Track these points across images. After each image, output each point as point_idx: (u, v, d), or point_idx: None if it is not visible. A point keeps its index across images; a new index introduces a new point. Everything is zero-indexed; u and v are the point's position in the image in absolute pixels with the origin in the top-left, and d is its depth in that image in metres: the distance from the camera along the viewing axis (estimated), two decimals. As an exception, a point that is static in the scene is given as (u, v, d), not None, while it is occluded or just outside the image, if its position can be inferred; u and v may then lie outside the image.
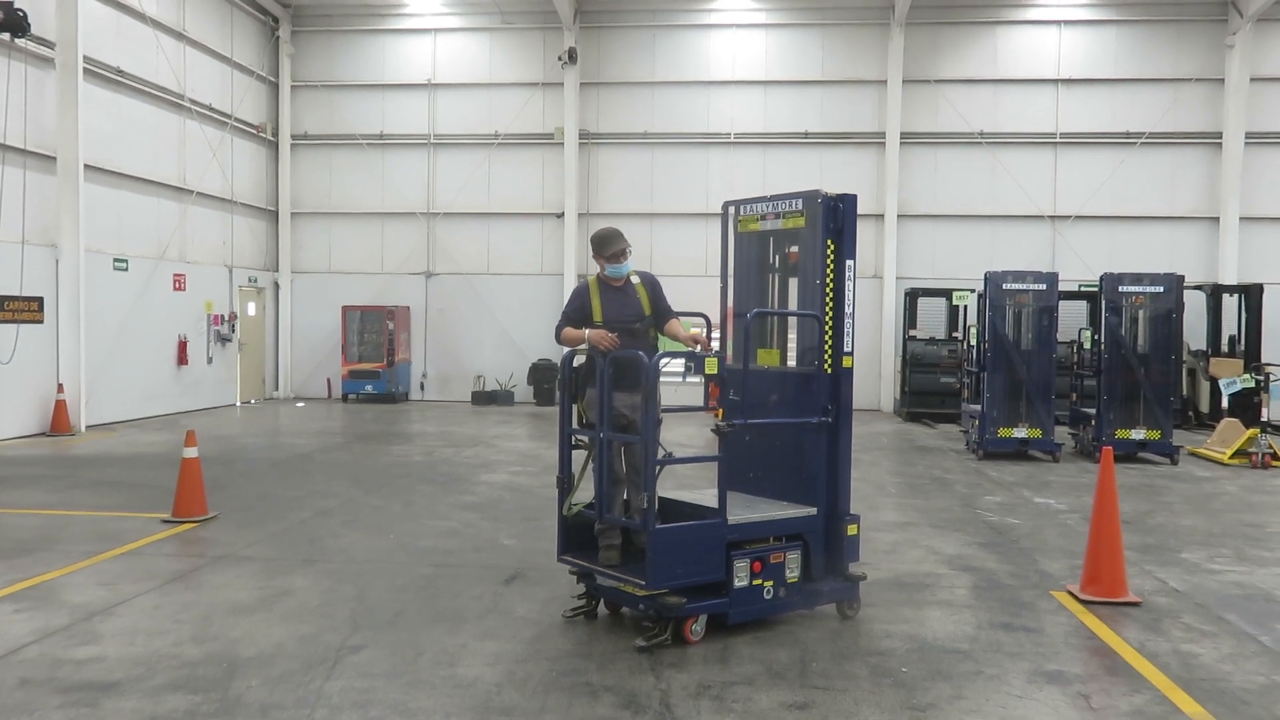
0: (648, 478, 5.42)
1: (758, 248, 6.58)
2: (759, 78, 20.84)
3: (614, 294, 6.03)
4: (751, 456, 6.36)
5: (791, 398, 6.22)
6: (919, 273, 20.58)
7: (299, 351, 22.04)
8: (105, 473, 11.56)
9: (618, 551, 5.79)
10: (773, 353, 6.52)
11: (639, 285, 6.08)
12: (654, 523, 5.39)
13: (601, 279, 6.07)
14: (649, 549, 5.38)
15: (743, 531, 5.72)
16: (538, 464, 12.42)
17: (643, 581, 5.45)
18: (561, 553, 6.09)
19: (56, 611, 6.08)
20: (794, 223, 6.19)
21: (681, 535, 5.52)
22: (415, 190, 21.74)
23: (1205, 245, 20.06)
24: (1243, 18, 19.29)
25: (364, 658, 5.32)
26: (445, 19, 21.48)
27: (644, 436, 5.50)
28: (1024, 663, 5.37)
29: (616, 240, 6.00)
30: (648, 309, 6.04)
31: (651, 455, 5.42)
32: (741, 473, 6.33)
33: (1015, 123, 20.40)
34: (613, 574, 5.74)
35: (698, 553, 5.51)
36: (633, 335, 5.91)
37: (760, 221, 6.43)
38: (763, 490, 6.29)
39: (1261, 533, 8.96)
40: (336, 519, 8.97)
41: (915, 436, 16.42)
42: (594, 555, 5.89)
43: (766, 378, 6.39)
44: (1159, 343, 13.58)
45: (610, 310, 5.95)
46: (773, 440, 6.28)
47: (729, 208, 6.65)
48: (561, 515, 6.01)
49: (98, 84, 16.01)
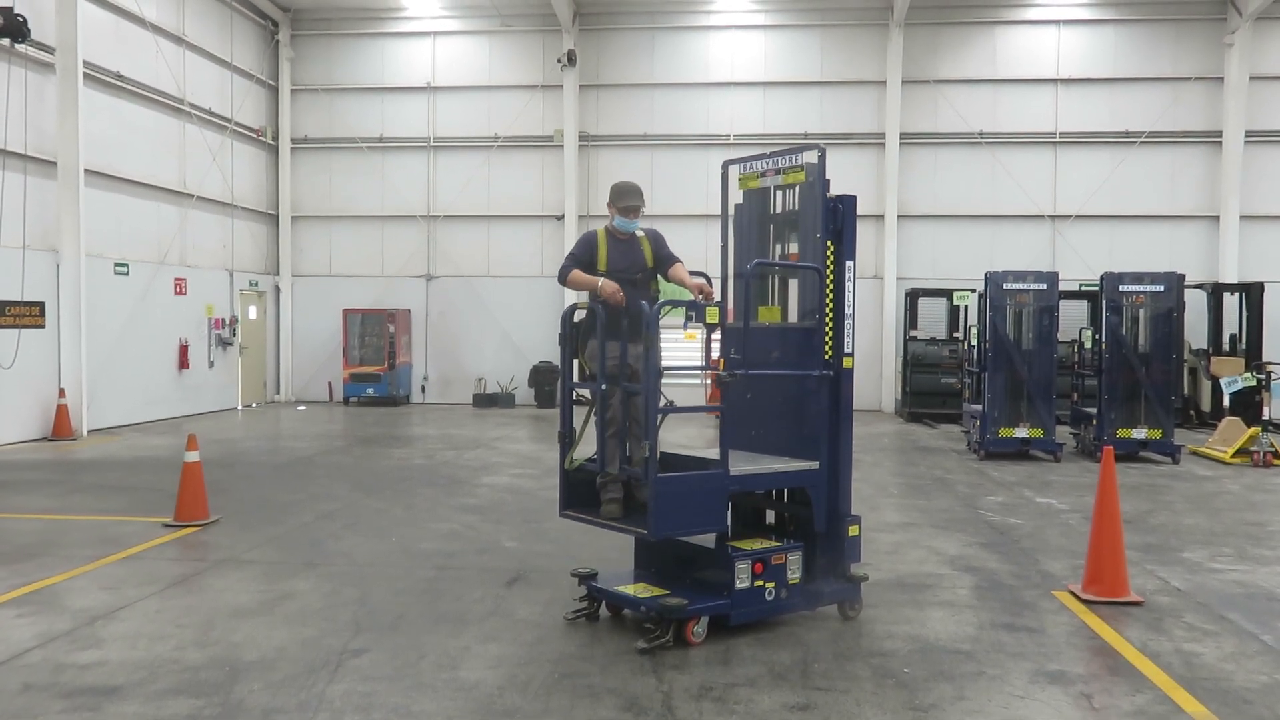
0: (649, 427, 5.43)
1: (758, 206, 6.58)
2: (758, 79, 20.86)
3: (620, 245, 6.09)
4: (753, 415, 6.38)
5: (793, 353, 6.22)
6: (919, 273, 20.58)
7: (300, 355, 22.06)
8: (107, 477, 11.57)
9: (619, 505, 5.82)
10: (774, 309, 6.53)
11: (643, 239, 6.16)
12: (655, 471, 5.39)
13: (610, 230, 6.13)
14: (650, 498, 5.37)
15: (744, 483, 5.74)
16: (539, 466, 12.41)
17: (645, 531, 5.46)
18: (564, 508, 6.09)
19: (59, 616, 6.09)
20: (794, 178, 6.19)
21: (683, 485, 5.51)
22: (415, 193, 21.76)
23: (1206, 244, 20.06)
24: (1241, 16, 19.29)
25: (366, 661, 5.32)
26: (444, 22, 21.51)
27: (645, 385, 5.50)
28: (1026, 663, 5.37)
29: (634, 195, 6.09)
30: (650, 261, 6.12)
31: (653, 404, 5.43)
32: (743, 431, 6.35)
33: (1015, 122, 20.40)
34: (615, 526, 5.76)
35: (699, 503, 5.49)
36: (634, 286, 5.97)
37: (760, 179, 6.44)
38: (765, 448, 6.30)
39: (1263, 531, 8.96)
40: (338, 522, 8.98)
41: (916, 437, 16.42)
42: (596, 510, 5.91)
43: (768, 334, 6.40)
44: (1160, 342, 13.57)
45: (615, 260, 6.01)
46: (774, 397, 6.29)
47: (728, 167, 6.64)
48: (563, 470, 6.02)
49: (98, 89, 16.03)
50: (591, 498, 5.96)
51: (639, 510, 5.71)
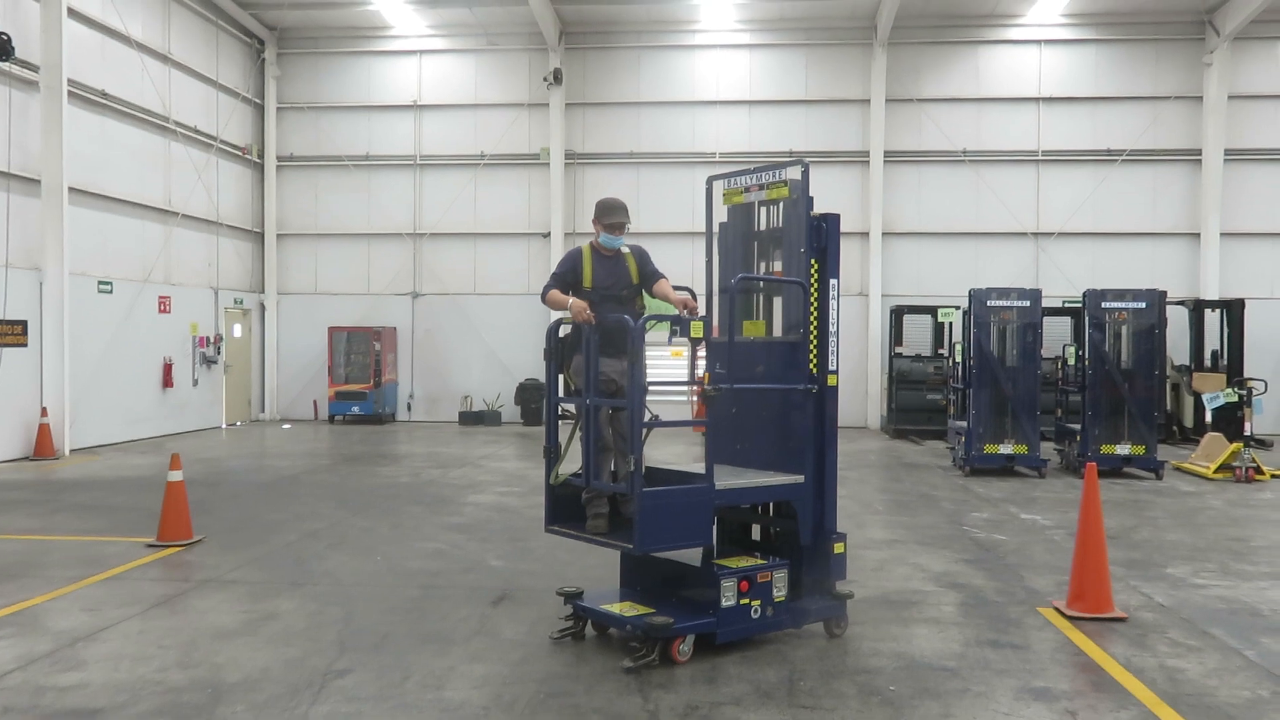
0: (634, 441, 5.44)
1: (743, 222, 6.61)
2: (743, 98, 20.99)
3: (605, 262, 6.12)
4: (739, 430, 6.40)
5: (778, 367, 6.24)
6: (904, 290, 20.69)
7: (285, 373, 21.98)
8: (89, 497, 11.48)
9: (605, 520, 5.83)
10: (758, 324, 6.56)
11: (628, 255, 6.18)
12: (641, 485, 5.39)
13: (595, 246, 6.16)
14: (636, 511, 5.37)
15: (730, 497, 5.75)
16: (525, 484, 12.39)
17: (630, 546, 5.46)
18: (549, 523, 6.09)
19: (40, 638, 6.03)
20: (778, 193, 6.23)
21: (669, 499, 5.52)
22: (401, 211, 21.77)
23: (1186, 261, 20.25)
24: (1220, 36, 19.54)
25: (350, 681, 5.29)
26: (431, 40, 21.58)
27: (630, 400, 5.52)
28: (1011, 680, 5.38)
29: (620, 212, 6.13)
30: (635, 278, 6.15)
31: (638, 418, 5.44)
32: (729, 446, 6.37)
33: (998, 141, 20.59)
34: (601, 540, 5.75)
35: (685, 517, 5.50)
36: (619, 302, 5.99)
37: (745, 194, 6.47)
38: (750, 463, 6.32)
39: (1246, 547, 9.01)
40: (323, 541, 8.93)
41: (902, 453, 16.46)
42: (582, 525, 5.90)
43: (753, 349, 6.42)
44: (1142, 358, 13.68)
45: (600, 277, 6.04)
46: (759, 412, 6.30)
47: (713, 183, 6.67)
48: (549, 485, 6.02)
49: (82, 107, 16.00)
50: (577, 513, 5.96)
51: (624, 525, 5.71)
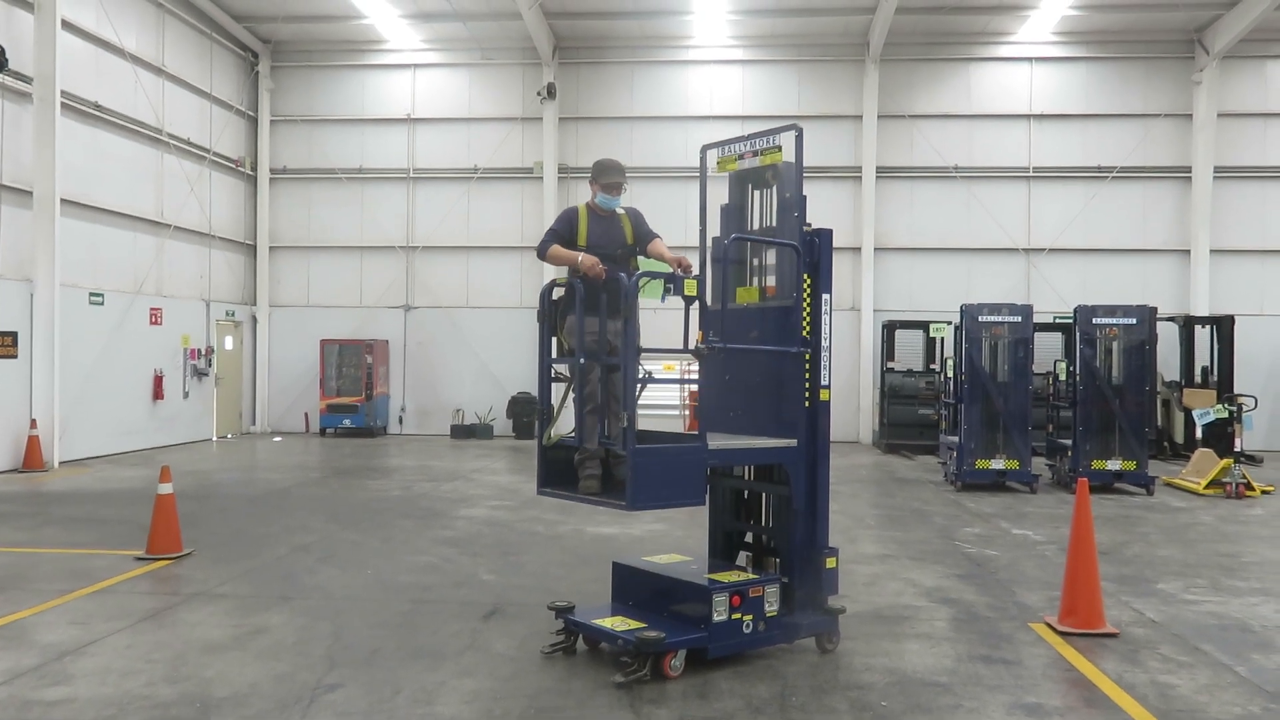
0: (628, 398, 5.43)
1: (736, 190, 6.63)
2: (736, 113, 21.04)
3: (601, 222, 6.16)
4: (732, 397, 6.41)
5: (771, 332, 6.24)
6: (896, 305, 20.74)
7: (276, 385, 21.91)
8: (78, 509, 11.42)
9: (597, 480, 5.82)
10: (751, 290, 6.57)
11: (623, 216, 6.22)
12: (634, 443, 5.38)
13: (591, 206, 6.19)
14: (629, 469, 5.36)
15: (723, 457, 5.75)
16: (517, 498, 12.36)
17: (623, 504, 5.44)
18: (542, 485, 6.08)
19: (27, 651, 5.99)
20: (772, 158, 6.24)
21: (662, 456, 5.51)
22: (394, 224, 21.77)
23: (1177, 277, 20.34)
24: (1209, 55, 19.69)
25: (340, 696, 5.26)
26: (425, 54, 21.62)
27: (624, 358, 5.51)
28: (1003, 695, 5.38)
29: (617, 172, 6.17)
30: (630, 238, 6.18)
31: (631, 376, 5.44)
32: (723, 413, 6.38)
33: (989, 157, 20.69)
34: (593, 500, 5.74)
35: (678, 475, 5.50)
36: (614, 262, 6.01)
37: (739, 161, 6.47)
38: (744, 429, 6.32)
39: (1237, 563, 9.02)
40: (313, 555, 8.89)
41: (894, 468, 16.47)
42: (574, 487, 5.90)
43: (746, 314, 6.43)
44: (1133, 374, 13.72)
45: (595, 237, 6.07)
46: (752, 378, 6.31)
47: (706, 151, 6.62)
48: (541, 447, 6.01)
49: (75, 118, 15.99)
50: (569, 475, 5.96)
51: (617, 486, 5.71)
